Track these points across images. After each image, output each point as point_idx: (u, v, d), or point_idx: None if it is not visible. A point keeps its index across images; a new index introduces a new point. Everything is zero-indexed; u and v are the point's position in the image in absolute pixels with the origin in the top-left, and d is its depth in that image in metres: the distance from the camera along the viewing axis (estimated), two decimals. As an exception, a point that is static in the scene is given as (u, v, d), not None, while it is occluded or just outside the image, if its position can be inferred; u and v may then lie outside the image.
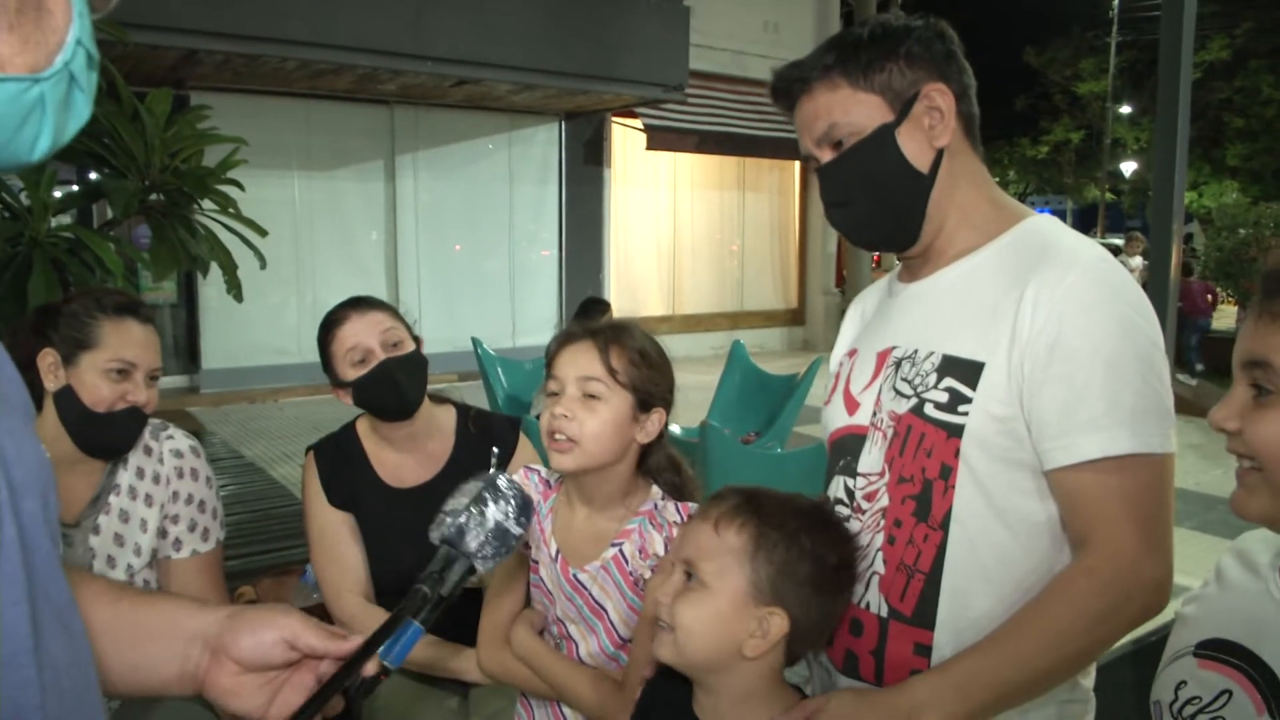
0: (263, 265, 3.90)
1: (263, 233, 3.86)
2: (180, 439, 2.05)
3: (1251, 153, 24.98)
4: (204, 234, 3.63)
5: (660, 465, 1.57)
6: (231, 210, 3.71)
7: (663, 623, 1.24)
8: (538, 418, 2.10)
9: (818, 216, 13.89)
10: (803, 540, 1.23)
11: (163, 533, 1.99)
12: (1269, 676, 0.96)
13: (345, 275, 9.96)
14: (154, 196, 3.59)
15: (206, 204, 3.75)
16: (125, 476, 1.96)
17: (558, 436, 1.47)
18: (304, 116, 9.80)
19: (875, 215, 1.40)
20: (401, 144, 10.45)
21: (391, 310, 2.19)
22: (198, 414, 8.83)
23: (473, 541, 1.08)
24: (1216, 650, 1.02)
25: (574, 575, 1.53)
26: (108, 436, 1.89)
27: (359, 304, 2.17)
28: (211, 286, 8.62)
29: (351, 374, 2.10)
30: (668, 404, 1.55)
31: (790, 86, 1.41)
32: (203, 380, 9.53)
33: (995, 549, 1.27)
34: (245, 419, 8.80)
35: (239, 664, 0.97)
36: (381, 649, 1.00)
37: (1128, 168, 30.45)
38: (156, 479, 1.99)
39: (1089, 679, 1.36)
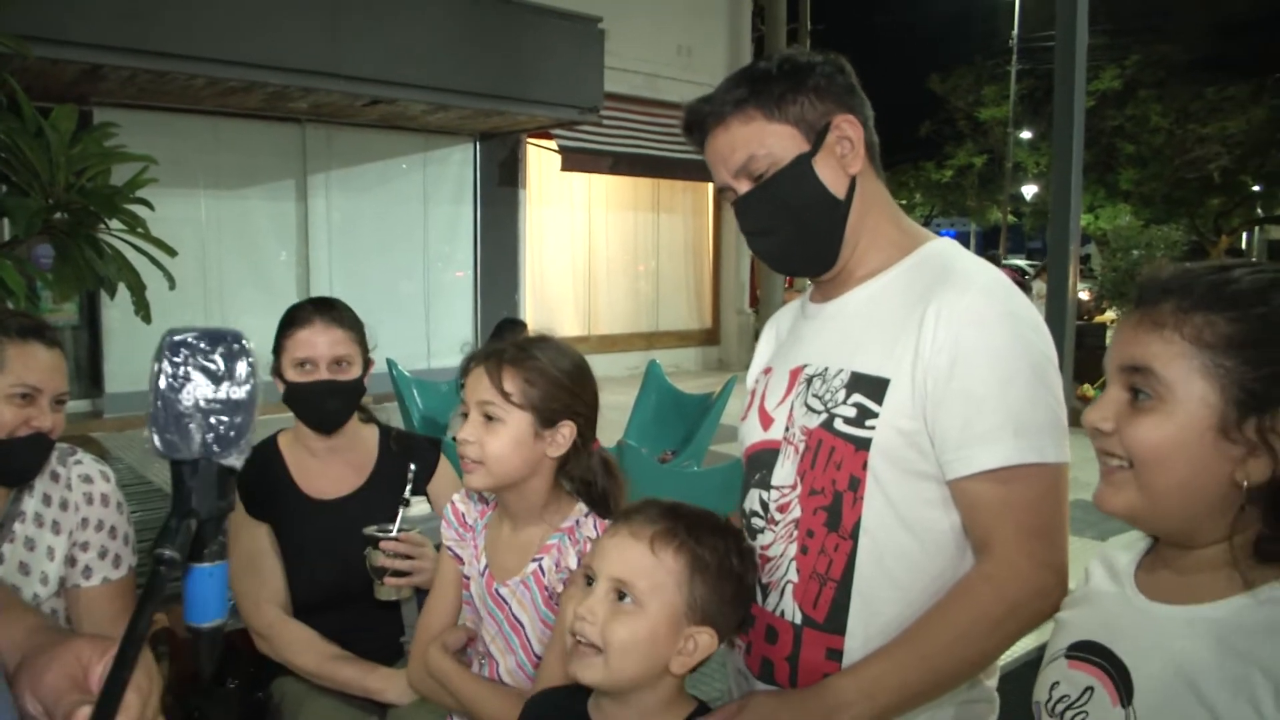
0: (171, 286, 3.83)
1: (172, 253, 3.79)
2: (89, 464, 2.00)
3: (1142, 178, 26.03)
4: (111, 254, 3.55)
5: (585, 473, 1.60)
6: (140, 230, 3.63)
7: (587, 642, 1.24)
8: (454, 439, 2.12)
9: (731, 237, 14.06)
10: (729, 561, 1.27)
11: (71, 560, 1.94)
12: (1124, 672, 1.02)
13: (255, 296, 9.75)
14: (58, 215, 3.50)
15: (114, 223, 3.67)
16: (31, 503, 1.90)
17: (464, 458, 1.54)
18: (212, 134, 9.59)
19: (797, 242, 1.45)
20: (314, 163, 10.30)
21: (356, 331, 2.22)
22: (102, 439, 8.55)
23: (196, 437, 0.79)
24: (1083, 651, 1.08)
25: (496, 590, 1.56)
26: (10, 463, 1.83)
27: (326, 312, 2.19)
28: (115, 308, 8.37)
29: (291, 375, 2.15)
30: (578, 415, 1.57)
31: (703, 120, 1.45)
32: (106, 404, 9.23)
33: (902, 557, 1.33)
34: (150, 444, 8.55)
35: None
36: (189, 612, 0.82)
37: (1029, 191, 31.44)
38: (64, 505, 1.94)
39: (992, 679, 1.43)
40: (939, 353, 1.29)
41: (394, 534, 1.98)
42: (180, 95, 8.71)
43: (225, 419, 0.81)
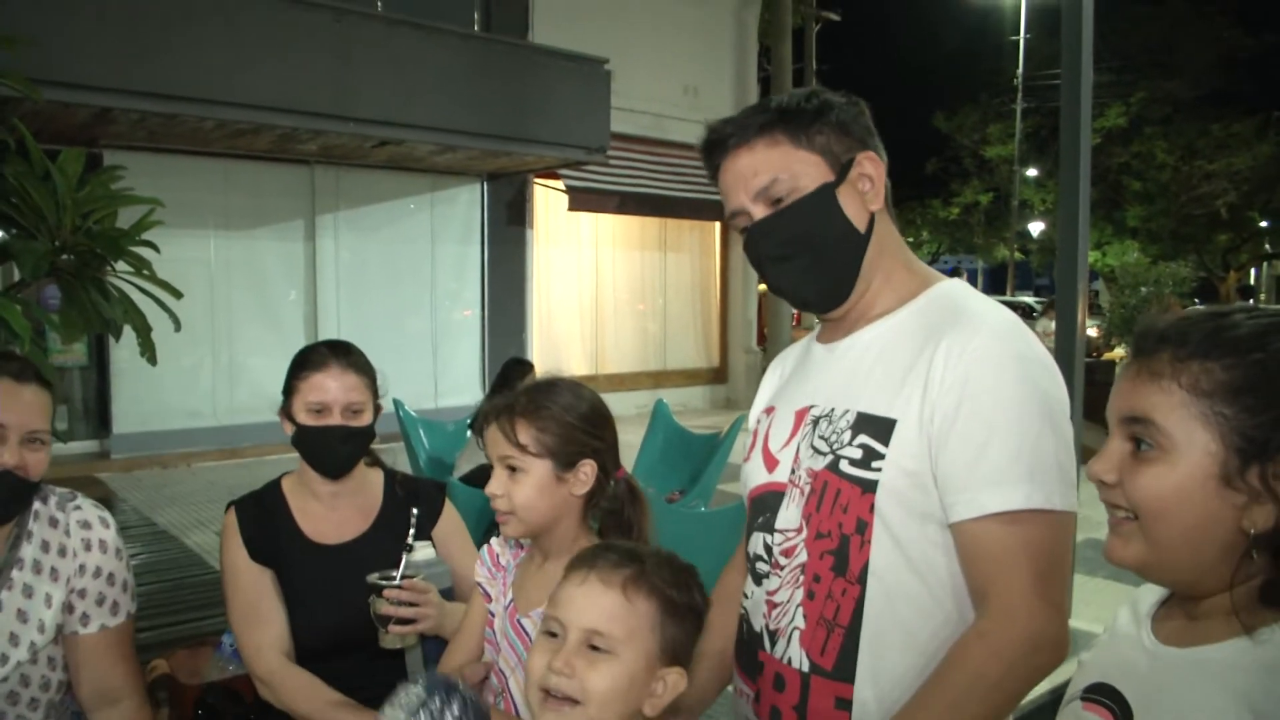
0: (177, 328, 3.83)
1: (178, 295, 3.79)
2: (89, 510, 1.98)
3: (1149, 214, 26.11)
4: (117, 297, 3.55)
5: (611, 502, 1.67)
6: (145, 272, 3.64)
7: (560, 694, 1.22)
8: (461, 480, 2.10)
9: (739, 276, 14.09)
10: (695, 598, 1.29)
11: (69, 608, 1.91)
12: (1128, 713, 1.00)
13: (263, 336, 9.77)
14: (64, 257, 3.51)
15: (120, 265, 3.68)
16: (30, 550, 1.88)
17: (496, 510, 1.62)
18: (222, 176, 9.67)
19: (813, 272, 1.42)
20: (322, 203, 10.37)
21: (369, 377, 2.21)
22: (108, 480, 8.54)
23: None
24: (1096, 693, 1.06)
25: (519, 620, 1.59)
26: None
27: (342, 357, 2.17)
28: (123, 349, 8.40)
29: (303, 418, 2.13)
30: (596, 452, 1.62)
31: (725, 140, 1.43)
32: (114, 445, 9.22)
33: (911, 601, 1.31)
34: (157, 484, 8.53)
35: None
36: None
37: (1035, 228, 31.53)
38: (62, 552, 1.91)
39: None
40: (947, 393, 1.27)
41: (398, 581, 1.95)
42: (190, 138, 8.80)
43: None
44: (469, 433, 6.35)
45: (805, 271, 1.43)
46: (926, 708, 1.23)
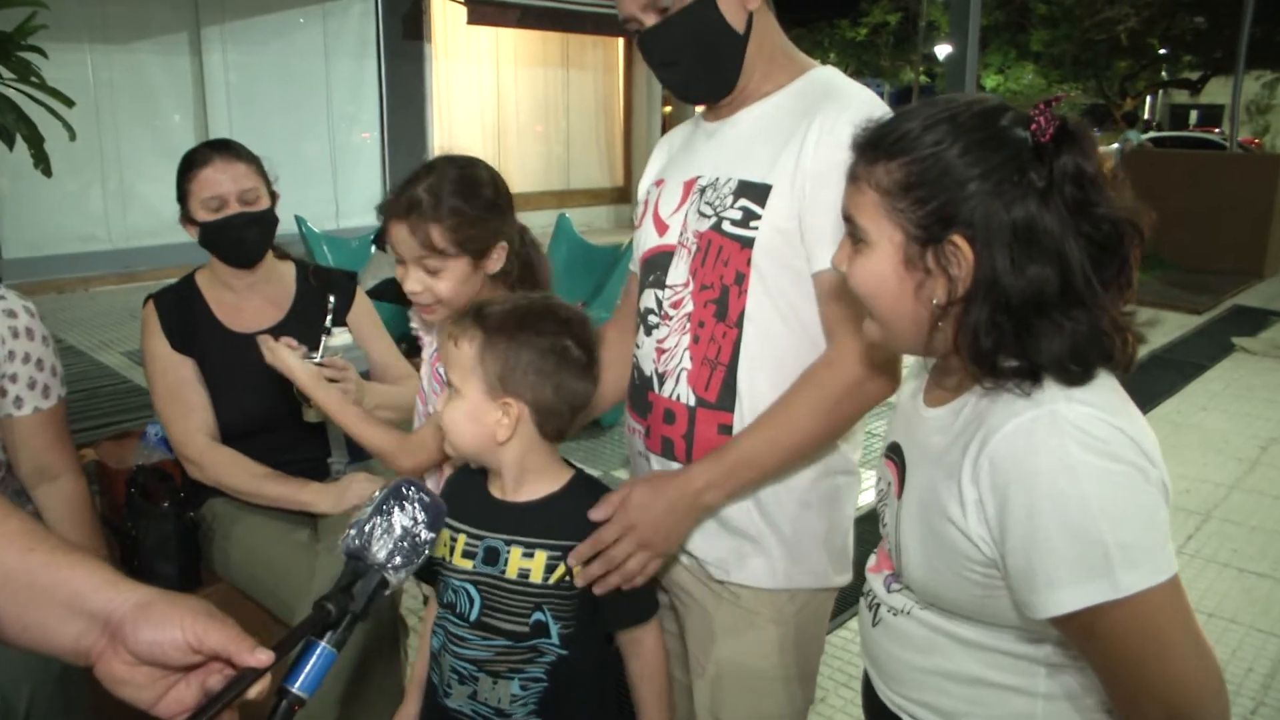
0: (72, 137, 3.78)
1: (69, 103, 3.73)
2: (13, 300, 2.06)
3: (1053, 39, 26.22)
4: (8, 103, 3.49)
5: (513, 264, 1.76)
6: (34, 79, 3.56)
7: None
8: (368, 294, 2.25)
9: (642, 94, 13.96)
10: (521, 335, 1.44)
11: (2, 392, 2.03)
12: (900, 453, 1.24)
13: (153, 157, 9.46)
14: (-55, 64, 3.42)
15: (3, 74, 3.59)
16: (-43, 339, 1.97)
17: (419, 305, 1.72)
18: (97, -18, 9.13)
19: (700, 71, 1.57)
20: (207, 15, 9.89)
21: (256, 164, 2.26)
22: (0, 304, 8.36)
23: (380, 552, 1.02)
24: (890, 451, 1.29)
25: (438, 369, 1.74)
26: None
27: (224, 150, 2.22)
28: (4, 176, 8.09)
29: (204, 216, 2.20)
30: (503, 233, 1.71)
31: None
32: (4, 270, 8.97)
33: (779, 341, 1.52)
34: (55, 309, 8.38)
35: (135, 656, 0.90)
36: (290, 677, 0.94)
37: (942, 51, 31.36)
38: (-10, 339, 2.01)
39: (856, 451, 1.64)
40: (817, 160, 1.45)
41: (318, 359, 2.10)
42: (60, -60, 8.24)
43: (407, 551, 1.04)
44: (373, 248, 6.40)
45: (691, 71, 1.58)
46: (777, 419, 1.48)
